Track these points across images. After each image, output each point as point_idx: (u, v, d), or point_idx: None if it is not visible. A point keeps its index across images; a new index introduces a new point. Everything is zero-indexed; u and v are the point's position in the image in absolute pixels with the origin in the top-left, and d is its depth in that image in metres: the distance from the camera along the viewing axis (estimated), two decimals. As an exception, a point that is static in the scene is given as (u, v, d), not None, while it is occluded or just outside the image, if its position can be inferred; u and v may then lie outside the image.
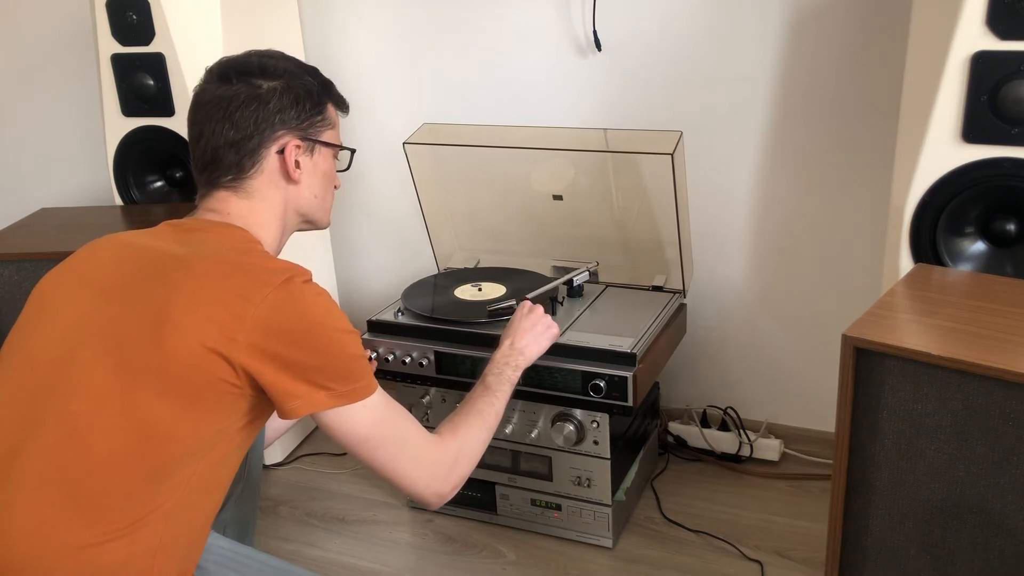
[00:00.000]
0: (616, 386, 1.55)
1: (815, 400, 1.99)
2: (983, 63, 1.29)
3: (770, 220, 1.92)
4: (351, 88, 2.09)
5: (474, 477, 1.77)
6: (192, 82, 1.25)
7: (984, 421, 1.06)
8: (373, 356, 1.72)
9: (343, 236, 2.33)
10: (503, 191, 1.94)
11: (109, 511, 1.03)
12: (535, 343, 1.51)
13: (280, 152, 1.22)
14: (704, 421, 2.04)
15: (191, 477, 1.08)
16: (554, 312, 1.71)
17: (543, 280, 1.82)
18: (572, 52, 1.95)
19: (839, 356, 1.16)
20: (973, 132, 1.32)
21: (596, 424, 1.63)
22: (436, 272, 2.02)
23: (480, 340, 1.65)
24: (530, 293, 1.69)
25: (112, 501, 1.03)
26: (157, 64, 1.86)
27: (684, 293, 1.85)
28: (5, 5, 2.47)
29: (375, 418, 1.15)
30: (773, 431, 2.02)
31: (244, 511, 1.49)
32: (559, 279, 1.78)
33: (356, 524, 1.87)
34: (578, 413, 1.64)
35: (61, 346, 1.08)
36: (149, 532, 1.05)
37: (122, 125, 1.93)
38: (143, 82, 1.88)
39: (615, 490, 1.70)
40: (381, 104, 2.16)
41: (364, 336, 1.73)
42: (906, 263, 1.42)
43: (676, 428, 2.05)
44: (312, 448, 2.16)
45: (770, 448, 1.98)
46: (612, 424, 1.63)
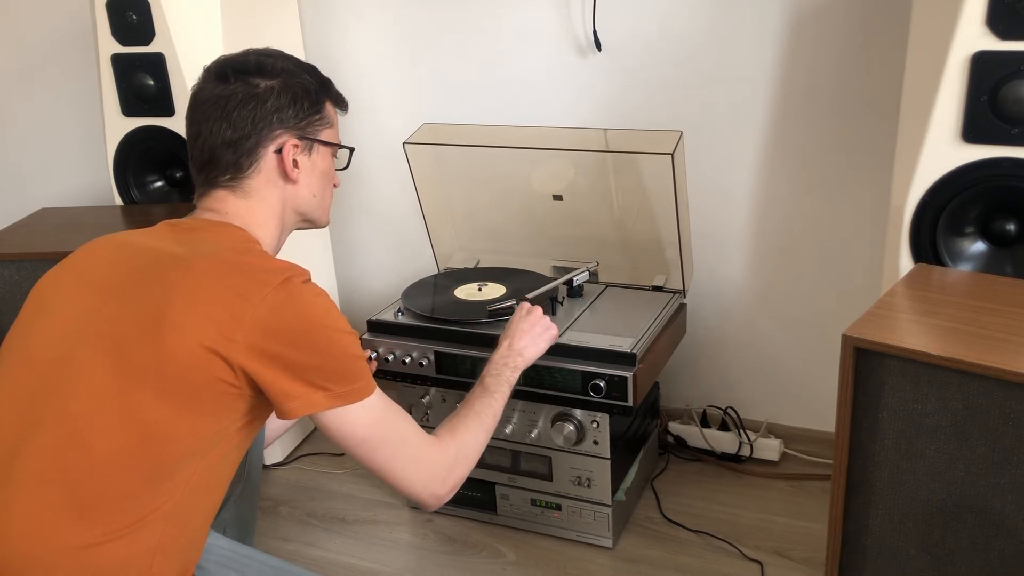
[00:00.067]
0: (616, 386, 1.55)
1: (815, 400, 1.99)
2: (983, 63, 1.29)
3: (770, 220, 1.92)
4: (351, 88, 2.09)
5: (474, 477, 1.77)
6: (192, 82, 1.25)
7: (984, 421, 1.06)
8: (373, 356, 1.72)
9: (343, 236, 2.33)
10: (503, 191, 1.94)
11: (109, 511, 1.03)
12: (533, 344, 1.51)
13: (278, 151, 1.22)
14: (704, 421, 2.04)
15: (191, 477, 1.08)
16: (554, 312, 1.71)
17: (543, 280, 1.81)
18: (572, 52, 1.95)
19: (839, 356, 1.16)
20: (973, 132, 1.32)
21: (596, 424, 1.63)
22: (436, 272, 2.02)
23: (480, 340, 1.65)
24: (530, 293, 1.69)
25: (112, 501, 1.03)
26: (157, 64, 1.86)
27: (684, 293, 1.84)
28: (5, 5, 2.47)
29: (373, 419, 1.15)
30: (773, 431, 2.02)
31: (244, 511, 1.49)
32: (559, 279, 1.78)
33: (356, 524, 1.87)
34: (578, 413, 1.64)
35: (60, 346, 1.08)
36: (149, 532, 1.05)
37: (122, 125, 1.94)
38: (143, 82, 1.89)
39: (615, 490, 1.70)
40: (381, 104, 2.16)
41: (364, 336, 1.73)
42: (906, 263, 1.42)
43: (676, 428, 2.05)
44: (312, 448, 2.16)
45: (770, 448, 1.98)
46: (612, 424, 1.63)
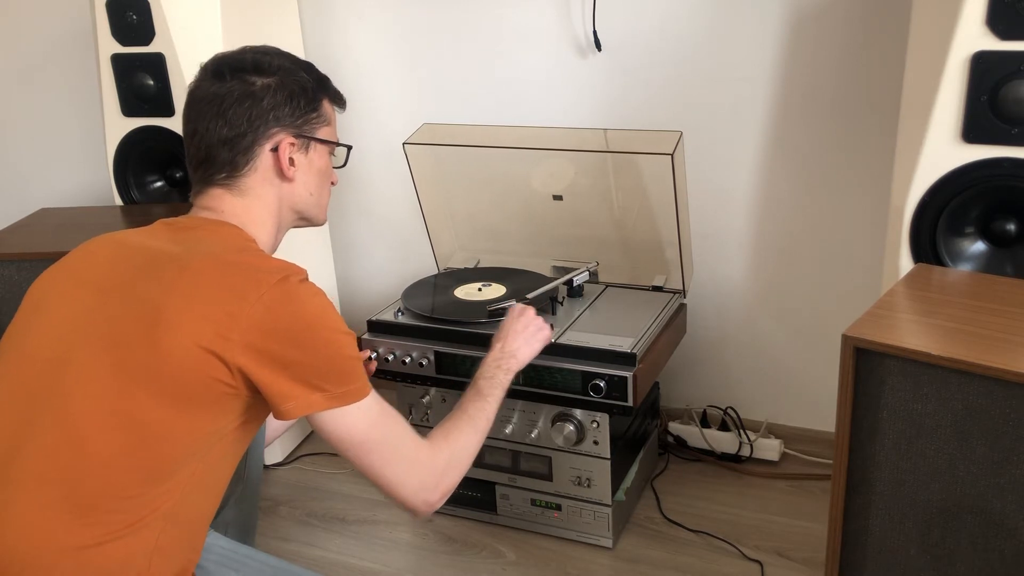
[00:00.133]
0: (616, 386, 1.55)
1: (815, 400, 1.99)
2: (983, 63, 1.28)
3: (770, 220, 1.92)
4: (351, 88, 2.09)
5: (474, 477, 1.77)
6: (191, 82, 1.25)
7: (984, 421, 1.06)
8: (373, 356, 1.72)
9: (343, 236, 2.33)
10: (503, 191, 1.94)
11: (107, 512, 1.02)
12: (527, 345, 1.50)
13: (274, 150, 1.21)
14: (704, 421, 2.04)
15: (189, 477, 1.07)
16: (554, 312, 1.71)
17: (543, 280, 1.81)
18: (572, 52, 1.95)
19: (839, 356, 1.16)
20: (973, 132, 1.32)
21: (596, 424, 1.63)
22: (436, 272, 2.02)
23: (480, 340, 1.65)
24: (530, 293, 1.69)
25: (110, 502, 1.03)
26: (157, 64, 1.86)
27: (684, 293, 1.84)
28: (5, 5, 2.48)
29: (370, 421, 1.14)
30: (773, 431, 2.02)
31: (244, 511, 1.49)
32: (559, 279, 1.78)
33: (356, 524, 1.87)
34: (578, 413, 1.64)
35: (58, 346, 1.08)
36: (148, 533, 1.05)
37: (122, 125, 1.93)
38: (143, 82, 1.89)
39: (615, 490, 1.70)
40: (381, 104, 2.16)
41: (364, 336, 1.73)
42: (906, 263, 1.42)
43: (676, 428, 2.05)
44: (312, 448, 2.16)
45: (770, 448, 1.97)
46: (612, 424, 1.63)
